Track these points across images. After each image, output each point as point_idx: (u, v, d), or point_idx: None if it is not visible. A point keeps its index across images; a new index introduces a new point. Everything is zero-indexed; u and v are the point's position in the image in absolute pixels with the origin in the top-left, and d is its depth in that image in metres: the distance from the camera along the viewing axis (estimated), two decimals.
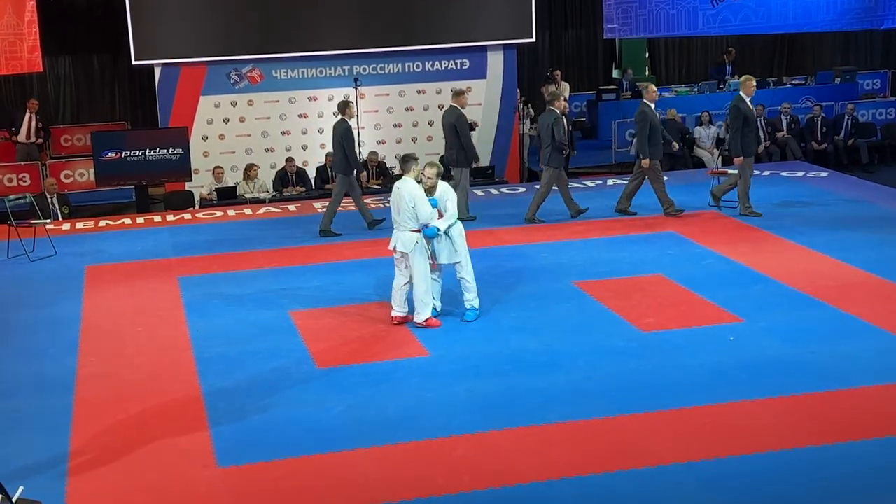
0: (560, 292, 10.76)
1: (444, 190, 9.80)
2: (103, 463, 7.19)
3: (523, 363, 8.81)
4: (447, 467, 6.98)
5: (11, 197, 13.93)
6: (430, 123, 18.44)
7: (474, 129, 15.11)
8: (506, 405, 7.93)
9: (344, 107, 13.87)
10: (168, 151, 16.09)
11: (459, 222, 9.88)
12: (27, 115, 18.09)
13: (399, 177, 9.99)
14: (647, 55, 25.55)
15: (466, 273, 9.86)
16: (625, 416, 7.65)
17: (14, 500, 5.60)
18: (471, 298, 9.93)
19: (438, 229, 9.61)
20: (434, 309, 9.93)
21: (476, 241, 12.96)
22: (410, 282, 9.74)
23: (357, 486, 6.78)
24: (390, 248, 9.80)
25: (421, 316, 9.72)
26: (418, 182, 9.64)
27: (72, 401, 8.27)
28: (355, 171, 13.79)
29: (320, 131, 18.06)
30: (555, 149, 13.52)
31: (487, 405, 7.95)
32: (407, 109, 18.39)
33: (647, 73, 25.30)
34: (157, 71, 17.29)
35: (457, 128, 13.98)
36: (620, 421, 7.59)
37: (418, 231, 9.60)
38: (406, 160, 9.86)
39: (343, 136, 13.56)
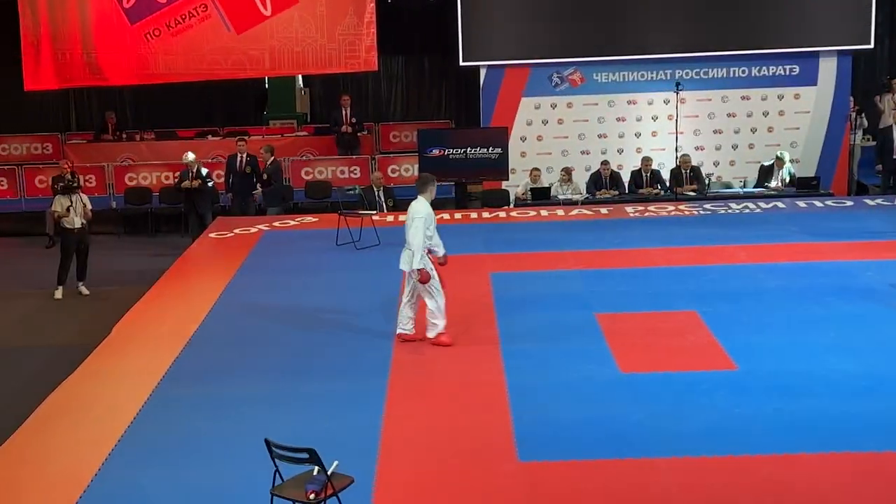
0: (886, 314, 10.07)
1: None
2: (410, 447, 7.49)
3: (839, 386, 8.33)
4: (750, 486, 6.72)
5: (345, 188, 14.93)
6: (753, 131, 17.85)
7: None
8: (817, 428, 7.53)
9: None
10: (488, 150, 16.52)
11: None
12: (343, 111, 19.15)
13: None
14: None
15: None
16: None
17: (329, 472, 5.95)
18: None
19: None
20: None
21: (795, 255, 12.43)
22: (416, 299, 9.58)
23: (654, 494, 6.67)
24: (404, 268, 9.53)
25: (431, 332, 9.54)
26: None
27: (385, 385, 8.68)
28: None
29: (637, 135, 17.94)
30: None
31: (797, 426, 7.58)
32: (729, 115, 17.89)
33: None
34: (483, 72, 17.81)
35: None
36: None
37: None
38: (423, 181, 9.67)
39: None
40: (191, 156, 16.03)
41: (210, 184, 16.03)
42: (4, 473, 7.19)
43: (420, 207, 9.49)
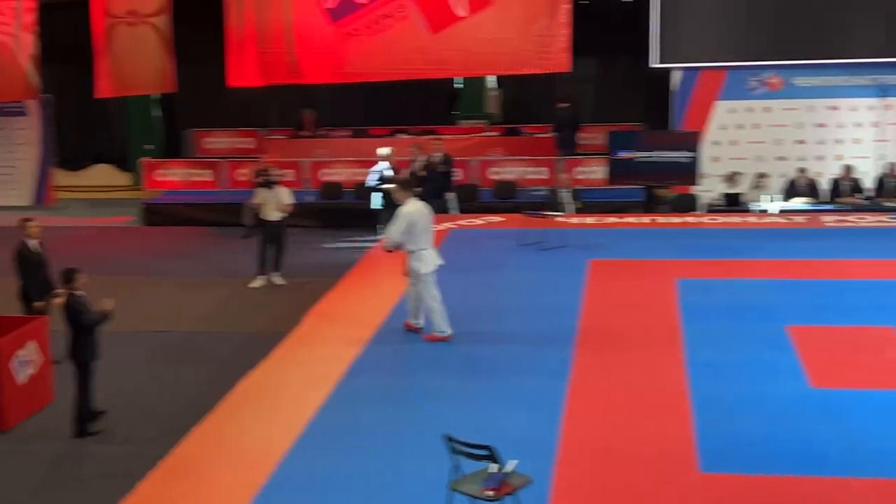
0: None
1: None
2: (588, 450, 7.44)
3: None
4: None
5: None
6: None
7: None
8: None
9: None
10: (678, 154, 16.23)
11: None
12: (561, 113, 19.27)
13: None
14: None
15: None
16: None
17: (507, 471, 5.97)
18: None
19: None
20: None
21: None
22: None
23: None
24: (432, 268, 9.89)
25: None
26: None
27: (565, 386, 8.65)
28: None
29: (838, 142, 17.26)
30: None
31: None
32: None
33: None
34: (676, 74, 17.50)
35: None
36: None
37: None
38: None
39: None
40: (385, 150, 16.29)
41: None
42: (199, 452, 7.55)
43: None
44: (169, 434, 8.08)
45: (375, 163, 16.39)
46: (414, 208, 9.93)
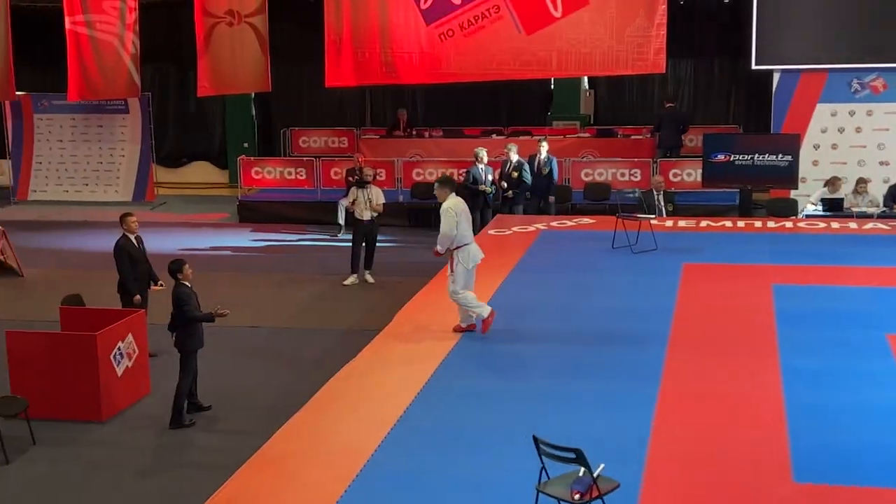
0: None
1: None
2: (679, 456, 7.32)
3: None
4: None
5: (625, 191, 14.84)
6: None
7: None
8: None
9: None
10: (776, 158, 15.90)
11: None
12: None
13: None
14: None
15: None
16: None
17: (595, 475, 5.92)
18: None
19: None
20: None
21: None
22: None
23: None
24: (475, 263, 10.08)
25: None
26: None
27: (657, 390, 8.54)
28: None
29: None
30: None
31: None
32: None
33: None
34: (776, 76, 17.18)
35: None
36: None
37: None
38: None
39: None
40: (481, 151, 16.22)
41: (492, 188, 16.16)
42: (291, 446, 7.64)
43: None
44: (261, 428, 8.22)
45: (472, 164, 16.34)
46: (456, 202, 10.04)
